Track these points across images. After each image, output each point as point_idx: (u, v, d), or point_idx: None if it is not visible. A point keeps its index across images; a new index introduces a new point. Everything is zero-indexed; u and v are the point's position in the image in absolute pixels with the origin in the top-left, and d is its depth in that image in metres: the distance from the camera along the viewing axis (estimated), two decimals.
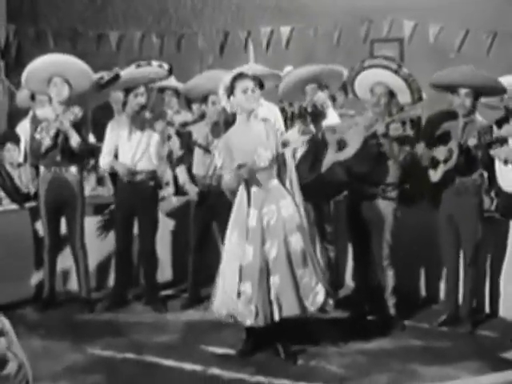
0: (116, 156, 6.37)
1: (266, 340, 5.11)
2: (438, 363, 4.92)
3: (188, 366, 4.94)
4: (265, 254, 4.89)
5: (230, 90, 4.99)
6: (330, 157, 5.68)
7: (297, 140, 5.16)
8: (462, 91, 5.49)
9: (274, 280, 4.87)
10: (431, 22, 8.97)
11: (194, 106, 7.50)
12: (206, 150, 6.21)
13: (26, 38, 9.85)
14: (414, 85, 5.58)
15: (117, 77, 6.33)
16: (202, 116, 6.74)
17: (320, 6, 9.54)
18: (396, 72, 5.53)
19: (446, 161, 5.51)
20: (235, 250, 4.95)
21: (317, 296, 4.91)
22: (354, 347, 5.27)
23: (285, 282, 4.84)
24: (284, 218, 4.93)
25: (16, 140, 6.93)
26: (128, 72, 6.38)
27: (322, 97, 6.13)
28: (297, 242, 4.91)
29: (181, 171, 6.51)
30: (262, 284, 4.84)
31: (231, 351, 5.17)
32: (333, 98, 7.13)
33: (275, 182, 5.02)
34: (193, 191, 6.37)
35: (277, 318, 4.86)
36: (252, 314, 4.84)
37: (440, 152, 5.51)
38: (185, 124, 6.95)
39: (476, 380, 3.12)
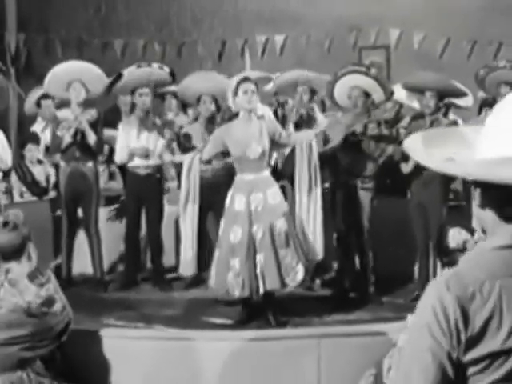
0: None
1: (259, 311, 5.80)
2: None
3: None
4: (252, 234, 5.59)
5: (235, 92, 5.65)
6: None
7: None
8: (427, 93, 6.23)
9: (260, 258, 5.57)
10: (415, 30, 9.31)
11: (190, 111, 7.84)
12: None
13: (35, 47, 10.19)
14: (384, 81, 6.33)
15: (119, 76, 6.91)
16: (197, 119, 7.09)
17: (312, 16, 9.96)
18: (366, 74, 6.27)
19: None
20: (228, 232, 5.64)
21: (297, 274, 5.62)
22: (336, 318, 5.93)
23: (268, 260, 5.55)
24: (270, 205, 5.63)
25: (35, 141, 7.63)
26: (129, 71, 6.93)
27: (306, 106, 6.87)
28: (281, 225, 5.60)
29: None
30: (248, 260, 5.55)
31: (229, 321, 5.82)
32: (322, 102, 7.76)
33: (265, 172, 5.72)
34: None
35: (261, 290, 5.57)
36: (239, 285, 5.55)
37: None
38: (181, 127, 7.27)
39: None
